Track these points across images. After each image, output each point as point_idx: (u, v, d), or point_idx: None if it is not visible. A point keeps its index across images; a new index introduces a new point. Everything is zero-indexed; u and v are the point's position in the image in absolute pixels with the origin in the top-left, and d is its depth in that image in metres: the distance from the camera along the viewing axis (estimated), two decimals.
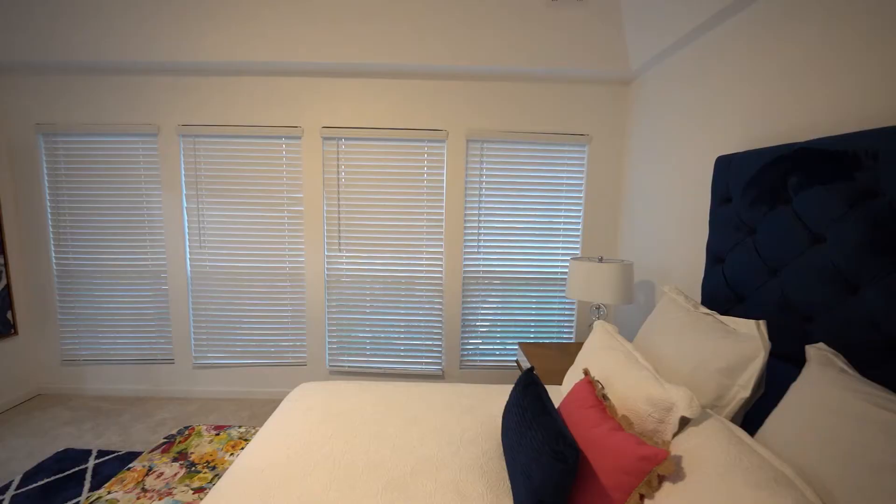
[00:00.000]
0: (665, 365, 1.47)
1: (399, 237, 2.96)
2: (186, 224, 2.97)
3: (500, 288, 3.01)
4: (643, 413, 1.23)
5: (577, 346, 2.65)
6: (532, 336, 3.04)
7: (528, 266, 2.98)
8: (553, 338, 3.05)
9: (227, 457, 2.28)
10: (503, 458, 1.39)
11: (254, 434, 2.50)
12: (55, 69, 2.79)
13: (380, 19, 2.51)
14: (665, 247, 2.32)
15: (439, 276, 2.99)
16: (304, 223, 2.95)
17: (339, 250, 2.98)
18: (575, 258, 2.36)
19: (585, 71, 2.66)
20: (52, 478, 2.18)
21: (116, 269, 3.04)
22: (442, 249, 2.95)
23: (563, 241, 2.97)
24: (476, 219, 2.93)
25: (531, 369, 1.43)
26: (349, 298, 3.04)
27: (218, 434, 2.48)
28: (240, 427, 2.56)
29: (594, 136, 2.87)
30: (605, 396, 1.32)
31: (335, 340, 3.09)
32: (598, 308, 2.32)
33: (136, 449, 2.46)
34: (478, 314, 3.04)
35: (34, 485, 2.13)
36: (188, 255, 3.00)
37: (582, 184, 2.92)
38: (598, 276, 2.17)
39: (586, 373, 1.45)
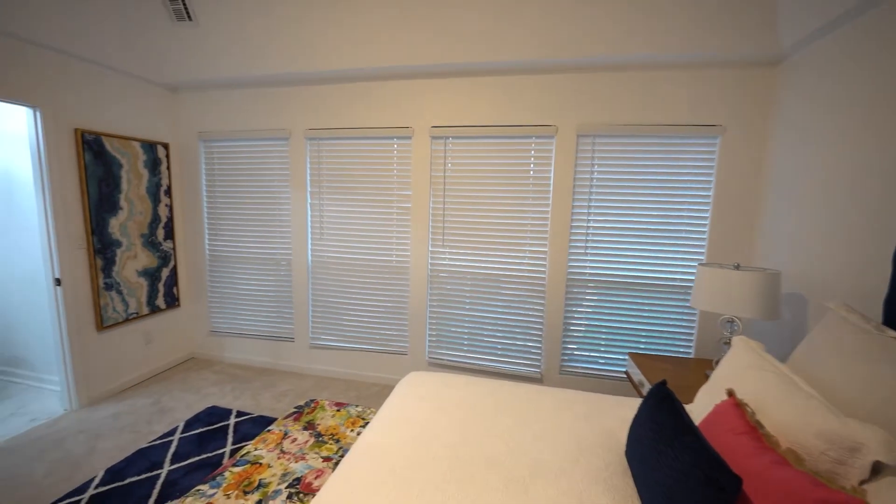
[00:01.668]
0: (836, 396, 1.24)
1: (502, 235, 2.94)
2: (309, 218, 3.30)
3: (608, 292, 2.82)
4: (813, 449, 1.05)
5: (699, 362, 2.37)
6: (642, 347, 2.81)
7: (641, 270, 2.74)
8: (667, 351, 2.78)
9: (348, 432, 2.49)
10: (628, 474, 1.29)
11: (369, 414, 2.70)
12: (211, 85, 3.30)
13: (487, 17, 2.49)
14: (822, 255, 1.96)
15: (542, 276, 2.91)
16: (411, 219, 3.09)
17: (443, 246, 3.07)
18: (704, 264, 2.11)
19: (720, 53, 2.36)
20: (205, 428, 2.60)
21: (252, 255, 3.51)
22: (546, 249, 2.86)
23: (685, 245, 2.67)
24: (585, 218, 2.78)
25: (663, 382, 1.31)
26: (450, 293, 3.11)
27: (339, 410, 2.73)
28: (357, 406, 2.78)
29: (728, 127, 2.54)
30: (758, 423, 1.15)
31: (434, 333, 3.20)
32: (732, 322, 2.05)
33: (266, 413, 2.81)
34: (581, 318, 2.89)
35: (192, 432, 2.56)
36: (310, 246, 3.34)
37: (710, 181, 2.60)
38: (735, 285, 1.91)
39: (731, 393, 1.29)
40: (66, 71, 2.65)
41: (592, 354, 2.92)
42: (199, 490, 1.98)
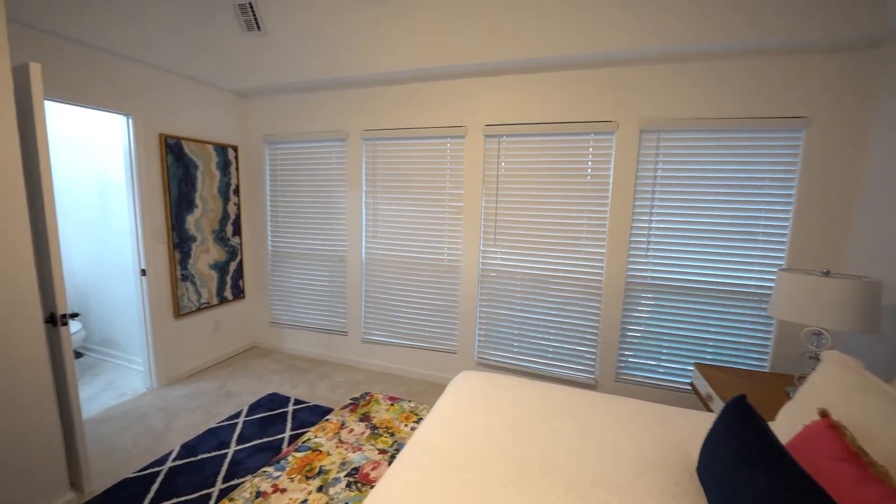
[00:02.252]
0: None
1: (557, 235, 2.86)
2: (364, 216, 3.41)
3: (671, 297, 2.65)
4: None
5: (777, 377, 2.17)
6: (709, 357, 2.61)
7: (709, 275, 2.55)
8: (737, 363, 2.56)
9: (402, 426, 2.55)
10: (701, 493, 1.20)
11: (422, 410, 2.74)
12: (276, 90, 3.49)
13: (541, 13, 2.42)
14: None
15: (598, 278, 2.79)
16: (463, 218, 3.09)
17: (495, 246, 3.04)
18: (785, 270, 1.93)
19: (813, 36, 2.13)
20: (266, 414, 2.76)
21: (309, 251, 3.68)
22: (603, 251, 2.75)
23: (761, 249, 2.45)
24: (647, 218, 2.63)
25: (743, 396, 1.20)
26: (500, 293, 3.08)
27: (392, 404, 2.80)
28: (410, 402, 2.84)
29: (815, 119, 2.29)
30: (861, 450, 1.03)
31: (484, 334, 3.18)
32: (819, 334, 1.85)
33: (321, 403, 2.93)
34: (641, 325, 2.74)
35: (255, 416, 2.72)
36: (364, 244, 3.44)
37: (793, 178, 2.36)
38: (824, 294, 1.72)
39: (825, 414, 1.16)
40: (152, 81, 2.92)
41: (651, 363, 2.76)
42: (265, 471, 2.10)
